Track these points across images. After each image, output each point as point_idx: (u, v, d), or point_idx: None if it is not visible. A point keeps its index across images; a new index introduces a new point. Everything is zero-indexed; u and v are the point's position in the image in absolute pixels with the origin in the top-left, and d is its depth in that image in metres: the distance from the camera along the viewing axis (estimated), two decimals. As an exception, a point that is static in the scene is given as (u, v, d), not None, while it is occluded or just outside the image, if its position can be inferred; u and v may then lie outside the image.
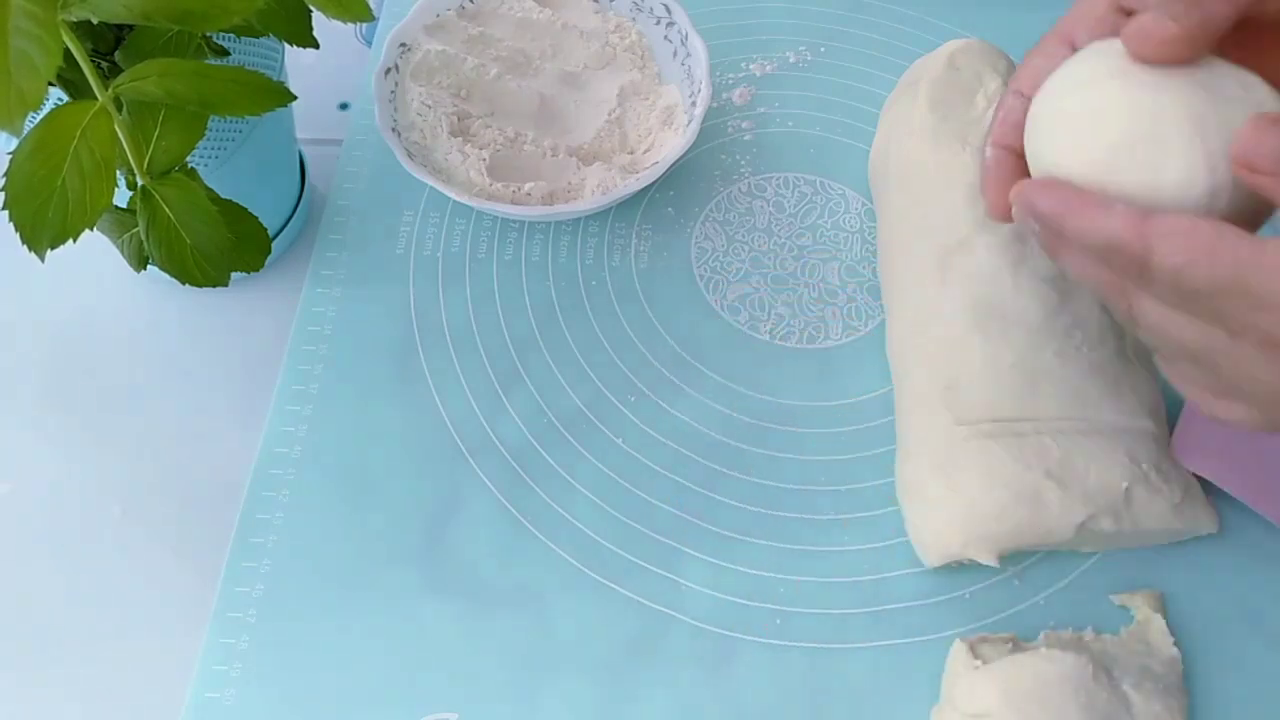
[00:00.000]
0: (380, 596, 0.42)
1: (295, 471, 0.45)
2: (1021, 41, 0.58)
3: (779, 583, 0.43)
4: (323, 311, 0.50)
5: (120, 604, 0.43)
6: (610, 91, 0.53)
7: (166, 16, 0.33)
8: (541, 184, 0.50)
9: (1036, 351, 0.42)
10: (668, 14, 0.54)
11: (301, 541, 0.44)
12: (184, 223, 0.38)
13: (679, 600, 0.42)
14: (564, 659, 0.41)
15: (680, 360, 0.48)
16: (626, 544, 0.44)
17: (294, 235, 0.52)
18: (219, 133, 0.44)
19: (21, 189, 0.34)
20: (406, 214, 0.53)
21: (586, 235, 0.52)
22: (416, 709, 0.40)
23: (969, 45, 0.51)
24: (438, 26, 0.53)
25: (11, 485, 0.45)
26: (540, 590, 0.43)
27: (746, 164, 0.55)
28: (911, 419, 0.44)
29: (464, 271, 0.51)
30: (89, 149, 0.34)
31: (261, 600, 0.42)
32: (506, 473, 0.45)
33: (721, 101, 0.57)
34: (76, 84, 0.36)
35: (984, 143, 0.37)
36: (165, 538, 0.44)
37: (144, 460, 0.46)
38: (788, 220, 0.53)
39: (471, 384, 0.48)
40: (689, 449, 0.46)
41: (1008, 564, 0.43)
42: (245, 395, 0.47)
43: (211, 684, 0.41)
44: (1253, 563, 0.43)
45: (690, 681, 0.41)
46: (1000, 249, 0.44)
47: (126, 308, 0.50)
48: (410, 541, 0.44)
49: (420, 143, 0.51)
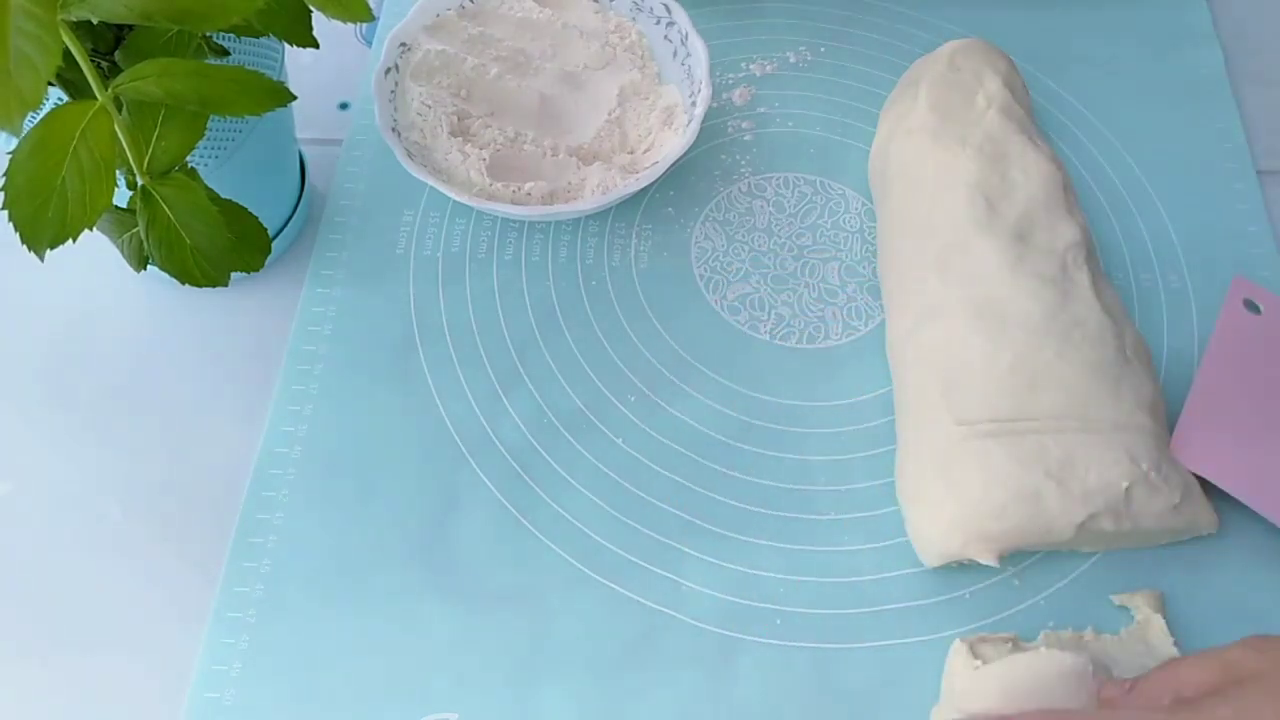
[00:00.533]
0: (380, 596, 0.42)
1: (295, 471, 0.45)
2: (1021, 42, 0.58)
3: (779, 583, 0.43)
4: (323, 311, 0.50)
5: (120, 604, 0.43)
6: (610, 91, 0.53)
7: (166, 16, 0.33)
8: (541, 184, 0.50)
9: (1036, 351, 0.42)
10: (668, 14, 0.54)
11: (301, 541, 0.44)
12: (184, 223, 0.38)
13: (679, 600, 0.42)
14: (564, 659, 0.41)
15: (680, 360, 0.48)
16: (626, 544, 0.44)
17: (294, 235, 0.52)
18: (219, 133, 0.44)
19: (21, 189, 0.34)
20: (406, 214, 0.53)
21: (586, 235, 0.52)
22: (416, 709, 0.40)
23: (969, 45, 0.51)
24: (438, 26, 0.53)
25: (11, 485, 0.45)
26: (540, 590, 0.43)
27: (746, 164, 0.55)
28: (911, 419, 0.44)
29: (464, 271, 0.51)
30: (89, 149, 0.34)
31: (261, 600, 0.42)
32: (506, 473, 0.45)
33: (721, 101, 0.57)
34: (76, 84, 0.36)
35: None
36: (165, 538, 0.44)
37: (144, 460, 0.46)
38: (788, 220, 0.53)
39: (471, 384, 0.48)
40: (689, 449, 0.46)
41: (1008, 564, 0.43)
42: (245, 395, 0.47)
43: (211, 684, 0.41)
44: (1253, 563, 0.43)
45: (690, 681, 0.41)
46: (1000, 249, 0.44)
47: (126, 308, 0.50)
48: (410, 541, 0.44)
49: (420, 143, 0.51)
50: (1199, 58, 0.59)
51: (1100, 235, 0.52)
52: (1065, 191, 0.47)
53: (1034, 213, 0.45)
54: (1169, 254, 0.51)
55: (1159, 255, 0.51)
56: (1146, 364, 0.43)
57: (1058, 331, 0.42)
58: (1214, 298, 0.49)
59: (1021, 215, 0.45)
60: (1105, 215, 0.53)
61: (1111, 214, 0.53)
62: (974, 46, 0.51)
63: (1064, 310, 0.43)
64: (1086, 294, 0.43)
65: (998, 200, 0.46)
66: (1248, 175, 0.54)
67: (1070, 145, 0.55)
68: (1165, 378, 0.47)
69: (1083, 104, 0.57)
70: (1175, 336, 0.49)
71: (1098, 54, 0.59)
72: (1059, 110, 0.57)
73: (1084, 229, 0.46)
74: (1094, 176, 0.54)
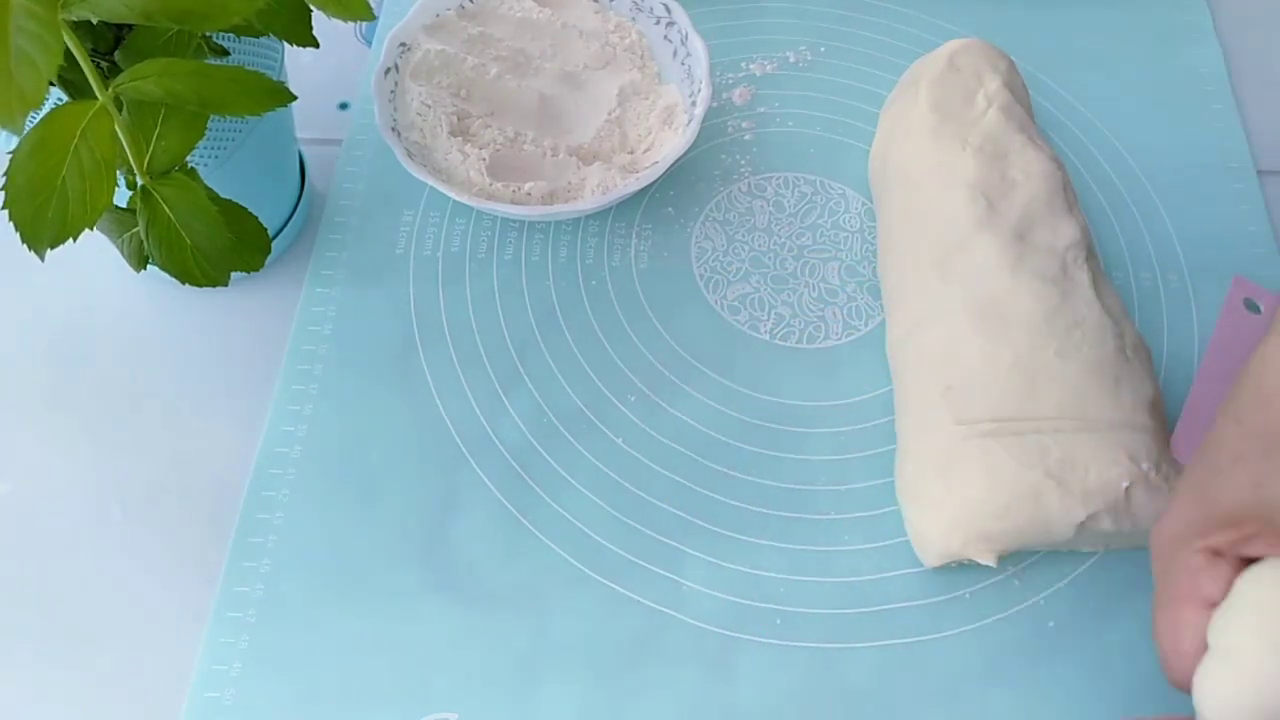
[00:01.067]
0: (380, 596, 0.42)
1: (295, 471, 0.45)
2: (1022, 42, 0.58)
3: (779, 583, 0.43)
4: (323, 311, 0.50)
5: (120, 604, 0.43)
6: (610, 91, 0.53)
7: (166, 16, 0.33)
8: (541, 184, 0.50)
9: (1036, 351, 0.42)
10: (668, 14, 0.54)
11: (301, 541, 0.44)
12: (184, 223, 0.38)
13: (679, 600, 0.42)
14: (564, 659, 0.41)
15: (680, 360, 0.48)
16: (626, 544, 0.44)
17: (294, 235, 0.52)
18: (219, 133, 0.44)
19: (21, 189, 0.34)
20: (406, 214, 0.53)
21: (586, 235, 0.52)
22: (416, 709, 0.40)
23: (969, 45, 0.51)
24: (438, 26, 0.53)
25: (11, 485, 0.45)
26: (540, 590, 0.43)
27: (746, 164, 0.55)
28: (911, 418, 0.44)
29: (464, 271, 0.51)
30: (89, 149, 0.34)
31: (261, 600, 0.42)
32: (506, 473, 0.45)
33: (721, 101, 0.57)
34: (76, 84, 0.36)
35: None
36: (165, 538, 0.44)
37: (144, 460, 0.46)
38: (788, 220, 0.53)
39: (471, 384, 0.48)
40: (689, 449, 0.46)
41: (1007, 564, 0.43)
42: (245, 395, 0.47)
43: (211, 684, 0.41)
44: (1253, 562, 0.43)
45: (690, 681, 0.41)
46: (1000, 249, 0.44)
47: (126, 308, 0.50)
48: (410, 541, 0.44)
49: (420, 142, 0.51)
50: (1199, 58, 0.59)
51: (1100, 235, 0.52)
52: (1065, 191, 0.47)
53: (1034, 212, 0.45)
54: (1169, 254, 0.52)
55: (1159, 255, 0.51)
56: (1146, 363, 0.43)
57: (1058, 331, 0.42)
58: (1214, 298, 0.50)
59: (1021, 215, 0.45)
60: (1105, 215, 0.53)
61: (1111, 214, 0.53)
62: (974, 46, 0.51)
63: (1064, 310, 0.43)
64: (1087, 293, 0.43)
65: (998, 200, 0.46)
66: (1248, 175, 0.54)
67: (1070, 145, 0.55)
68: (1165, 378, 0.47)
69: (1083, 104, 0.57)
70: (1175, 336, 0.49)
71: (1098, 54, 0.59)
72: (1059, 110, 0.57)
73: (1084, 228, 0.46)
74: (1094, 176, 0.54)
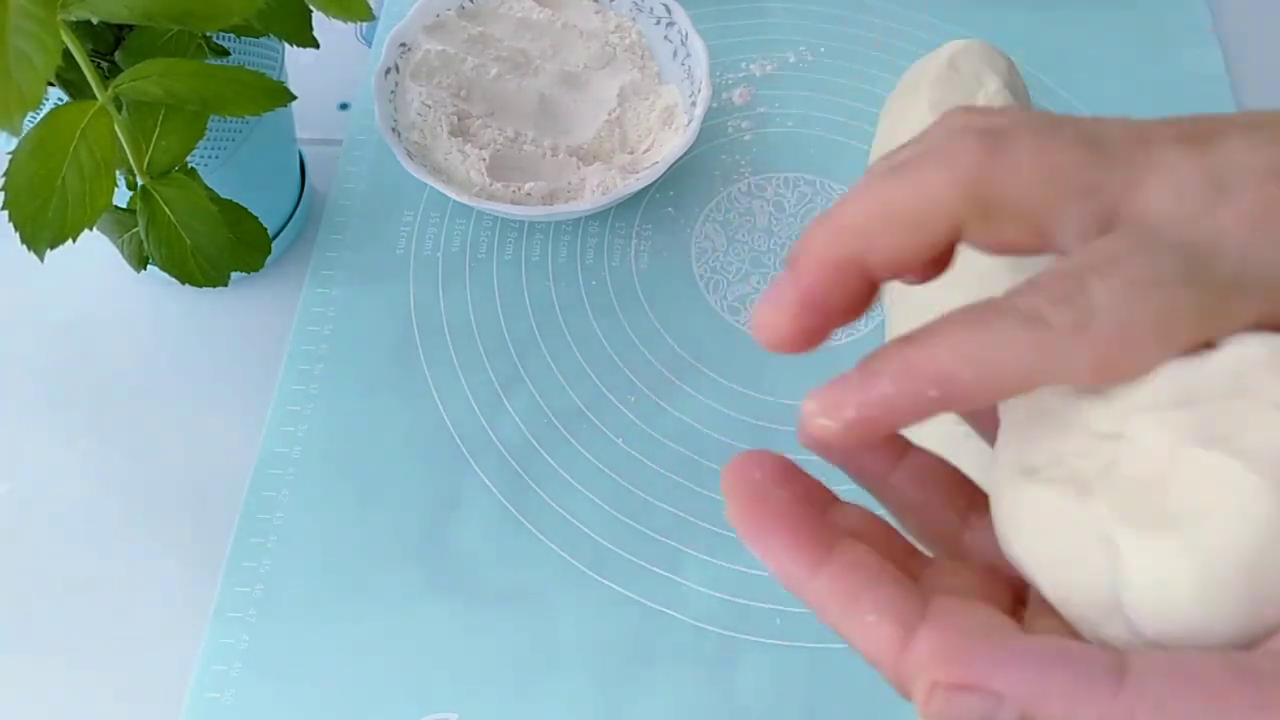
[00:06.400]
0: (380, 596, 0.42)
1: (295, 471, 0.45)
2: (1022, 42, 0.58)
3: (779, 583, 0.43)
4: (323, 311, 0.50)
5: (120, 604, 0.43)
6: (610, 91, 0.53)
7: (166, 16, 0.33)
8: (541, 184, 0.50)
9: (1036, 351, 0.42)
10: (668, 14, 0.54)
11: (301, 541, 0.44)
12: (184, 223, 0.38)
13: (679, 600, 0.42)
14: (564, 659, 0.41)
15: (680, 360, 0.48)
16: (626, 544, 0.44)
17: (294, 235, 0.52)
18: (219, 133, 0.44)
19: (21, 189, 0.34)
20: (406, 214, 0.53)
21: (586, 235, 0.52)
22: (416, 709, 0.40)
23: (969, 45, 0.51)
24: (438, 26, 0.53)
25: (11, 485, 0.45)
26: (540, 590, 0.43)
27: (746, 164, 0.55)
28: (911, 419, 0.44)
29: (464, 271, 0.51)
30: (89, 149, 0.34)
31: (261, 600, 0.42)
32: (506, 473, 0.45)
33: (721, 101, 0.57)
34: (76, 84, 0.36)
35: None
36: (165, 538, 0.44)
37: (144, 460, 0.46)
38: (788, 220, 0.53)
39: (471, 384, 0.48)
40: (689, 449, 0.46)
41: (1008, 564, 0.43)
42: (245, 395, 0.47)
43: (211, 684, 0.41)
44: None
45: (690, 681, 0.41)
46: (1000, 249, 0.44)
47: (126, 308, 0.50)
48: (410, 541, 0.44)
49: (420, 143, 0.51)
50: (1199, 58, 0.59)
51: (1100, 235, 0.52)
52: (1065, 191, 0.47)
53: (1034, 213, 0.45)
54: (1169, 254, 0.51)
55: (1159, 255, 0.51)
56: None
57: (1058, 331, 0.42)
58: (1214, 298, 0.49)
59: (1021, 215, 0.45)
60: (1105, 215, 0.53)
61: (1111, 214, 0.53)
62: (974, 47, 0.51)
63: (1064, 310, 0.43)
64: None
65: (998, 200, 0.46)
66: (1248, 175, 0.54)
67: (1070, 145, 0.55)
68: (1165, 378, 0.47)
69: (1083, 104, 0.57)
70: (1175, 336, 0.49)
71: (1098, 54, 0.59)
72: (1059, 111, 0.57)
73: (1084, 229, 0.46)
74: (1094, 176, 0.54)
